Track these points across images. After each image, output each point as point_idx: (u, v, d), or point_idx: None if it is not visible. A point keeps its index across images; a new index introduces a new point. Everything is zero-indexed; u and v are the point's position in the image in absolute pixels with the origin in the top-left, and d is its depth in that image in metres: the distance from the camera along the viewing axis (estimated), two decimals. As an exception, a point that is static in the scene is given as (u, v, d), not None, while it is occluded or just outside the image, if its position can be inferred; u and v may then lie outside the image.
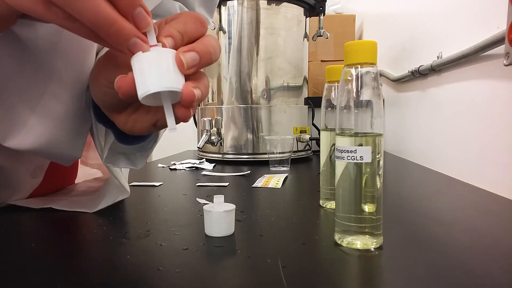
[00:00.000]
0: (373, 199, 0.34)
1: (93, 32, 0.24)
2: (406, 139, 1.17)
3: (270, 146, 0.88)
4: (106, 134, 0.42)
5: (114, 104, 0.32)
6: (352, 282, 0.29)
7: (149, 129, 0.33)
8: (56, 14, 0.23)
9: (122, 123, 0.33)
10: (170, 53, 0.26)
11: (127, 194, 0.50)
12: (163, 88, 0.25)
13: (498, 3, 0.63)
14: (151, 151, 0.44)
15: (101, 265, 0.32)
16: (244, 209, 0.49)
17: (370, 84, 0.33)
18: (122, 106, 0.33)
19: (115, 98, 0.31)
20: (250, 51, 0.99)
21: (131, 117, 0.33)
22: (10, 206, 0.50)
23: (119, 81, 0.27)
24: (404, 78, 1.16)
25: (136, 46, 0.25)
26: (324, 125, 0.50)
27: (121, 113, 0.33)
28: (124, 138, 0.39)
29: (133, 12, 0.24)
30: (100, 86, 0.31)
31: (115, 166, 0.44)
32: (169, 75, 0.26)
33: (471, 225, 0.42)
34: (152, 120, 0.32)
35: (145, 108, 0.32)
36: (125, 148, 0.42)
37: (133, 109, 0.33)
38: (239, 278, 0.29)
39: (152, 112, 0.32)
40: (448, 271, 0.29)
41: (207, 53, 0.27)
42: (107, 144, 0.41)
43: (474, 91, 0.74)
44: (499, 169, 0.64)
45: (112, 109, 0.33)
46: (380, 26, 1.55)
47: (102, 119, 0.37)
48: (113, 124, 0.37)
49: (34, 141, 0.39)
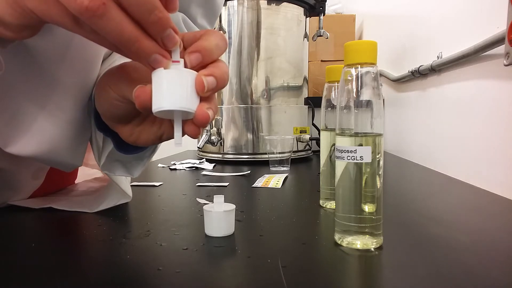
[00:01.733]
0: (373, 199, 0.34)
1: (116, 46, 0.25)
2: (406, 139, 1.17)
3: (270, 146, 0.88)
4: (104, 142, 0.42)
5: (120, 115, 0.32)
6: (352, 282, 0.29)
7: (154, 141, 0.33)
8: (82, 28, 0.24)
9: (126, 135, 0.34)
10: (190, 74, 0.27)
11: (129, 199, 0.50)
12: (177, 108, 0.26)
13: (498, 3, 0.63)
14: (149, 160, 0.44)
15: (101, 265, 0.32)
16: (244, 209, 0.49)
17: (370, 84, 0.33)
18: (128, 118, 0.33)
19: (122, 110, 0.31)
20: (250, 51, 0.99)
21: (137, 129, 0.33)
22: (10, 206, 0.50)
23: (138, 90, 0.27)
24: (404, 78, 1.16)
25: (157, 62, 0.26)
26: (324, 125, 0.50)
27: (126, 125, 0.33)
28: (123, 147, 0.39)
29: (163, 35, 0.25)
30: (109, 98, 0.31)
31: (111, 173, 0.44)
32: (186, 96, 0.26)
33: (471, 225, 0.42)
34: (157, 133, 0.32)
35: (151, 120, 0.33)
36: (122, 156, 0.42)
37: (139, 121, 0.33)
38: (239, 278, 0.29)
39: (158, 125, 0.32)
40: (448, 271, 0.29)
41: (223, 79, 0.28)
42: (105, 152, 0.42)
43: (474, 91, 0.74)
44: (499, 169, 0.64)
45: (117, 120, 0.33)
46: (380, 26, 1.55)
47: (103, 127, 0.37)
48: (113, 133, 0.37)
49: (36, 148, 0.39)
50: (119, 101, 0.31)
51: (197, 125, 0.28)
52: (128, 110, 0.32)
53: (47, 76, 0.37)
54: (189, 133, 0.28)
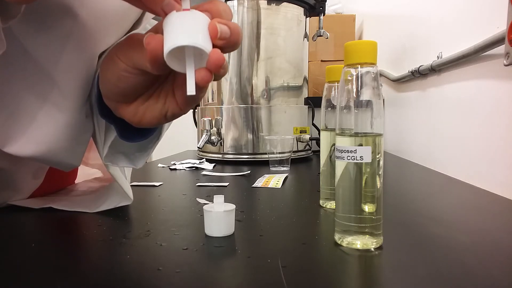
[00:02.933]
0: (373, 199, 0.34)
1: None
2: (406, 139, 1.17)
3: (270, 146, 0.88)
4: (106, 132, 0.42)
5: (127, 91, 0.32)
6: (352, 282, 0.29)
7: (159, 119, 0.33)
8: None
9: (131, 114, 0.33)
10: (203, 16, 0.26)
11: (130, 201, 0.50)
12: (191, 43, 0.24)
13: (498, 3, 0.63)
14: (152, 150, 0.44)
15: (101, 265, 0.32)
16: (244, 209, 0.49)
17: (370, 84, 0.33)
18: (134, 95, 0.32)
19: (129, 82, 0.31)
20: (250, 51, 0.99)
21: (141, 107, 0.33)
22: (10, 206, 0.50)
23: (149, 37, 0.27)
24: (404, 78, 1.16)
25: (170, 6, 0.26)
26: (324, 125, 0.50)
27: (131, 103, 0.33)
28: (127, 134, 0.38)
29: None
30: (116, 69, 0.31)
31: (114, 164, 0.43)
32: (201, 34, 0.25)
33: (471, 225, 0.42)
34: (162, 110, 0.32)
35: (156, 97, 0.32)
36: (125, 148, 0.42)
37: (144, 99, 0.33)
38: (239, 278, 0.29)
39: (162, 101, 0.32)
40: (448, 271, 0.29)
41: (236, 33, 0.27)
42: (107, 141, 0.41)
43: (474, 91, 0.74)
44: (499, 169, 0.64)
45: (122, 97, 0.33)
46: (380, 26, 1.55)
47: (105, 114, 0.37)
48: (116, 120, 0.36)
49: (34, 149, 0.39)
50: (127, 71, 0.30)
51: (210, 68, 0.27)
52: (135, 82, 0.31)
53: (44, 77, 0.37)
54: (200, 79, 0.27)
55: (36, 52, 0.35)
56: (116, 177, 0.47)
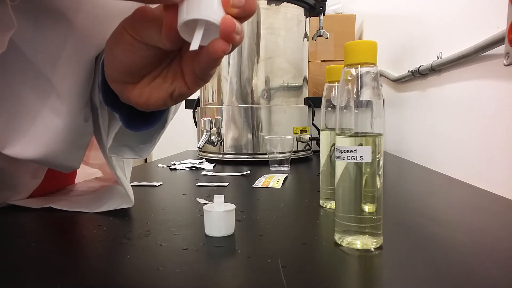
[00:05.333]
0: (373, 199, 0.34)
1: None
2: (406, 139, 1.17)
3: (270, 146, 0.88)
4: (110, 122, 0.41)
5: (133, 68, 0.31)
6: (352, 282, 0.29)
7: (165, 100, 0.32)
8: None
9: (137, 96, 0.33)
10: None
11: (131, 204, 0.49)
12: (202, 17, 0.25)
13: (498, 3, 0.63)
14: (157, 140, 0.43)
15: (101, 265, 0.32)
16: (244, 209, 0.49)
17: (370, 84, 0.33)
18: (141, 73, 0.32)
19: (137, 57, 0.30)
20: (250, 51, 0.99)
21: (147, 87, 0.32)
22: (10, 206, 0.50)
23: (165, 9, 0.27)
24: (404, 78, 1.16)
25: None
26: (324, 125, 0.50)
27: (137, 84, 0.32)
28: (131, 124, 0.38)
29: None
30: (124, 44, 0.30)
31: (119, 156, 0.43)
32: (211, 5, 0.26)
33: (471, 225, 0.42)
34: (169, 89, 0.32)
35: (163, 77, 0.32)
36: (129, 140, 0.42)
37: (150, 79, 0.32)
38: (239, 278, 0.29)
39: (169, 80, 0.32)
40: (448, 271, 0.29)
41: (251, 2, 0.27)
42: (112, 133, 0.41)
43: (474, 91, 0.74)
44: (499, 169, 0.64)
45: (129, 76, 0.32)
46: (380, 26, 1.55)
47: (109, 102, 0.37)
48: (121, 109, 0.36)
49: (33, 152, 0.39)
50: (134, 46, 0.30)
51: (222, 35, 0.26)
52: (142, 57, 0.30)
53: (43, 81, 0.37)
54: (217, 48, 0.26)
55: (34, 56, 0.35)
56: (121, 180, 0.47)
